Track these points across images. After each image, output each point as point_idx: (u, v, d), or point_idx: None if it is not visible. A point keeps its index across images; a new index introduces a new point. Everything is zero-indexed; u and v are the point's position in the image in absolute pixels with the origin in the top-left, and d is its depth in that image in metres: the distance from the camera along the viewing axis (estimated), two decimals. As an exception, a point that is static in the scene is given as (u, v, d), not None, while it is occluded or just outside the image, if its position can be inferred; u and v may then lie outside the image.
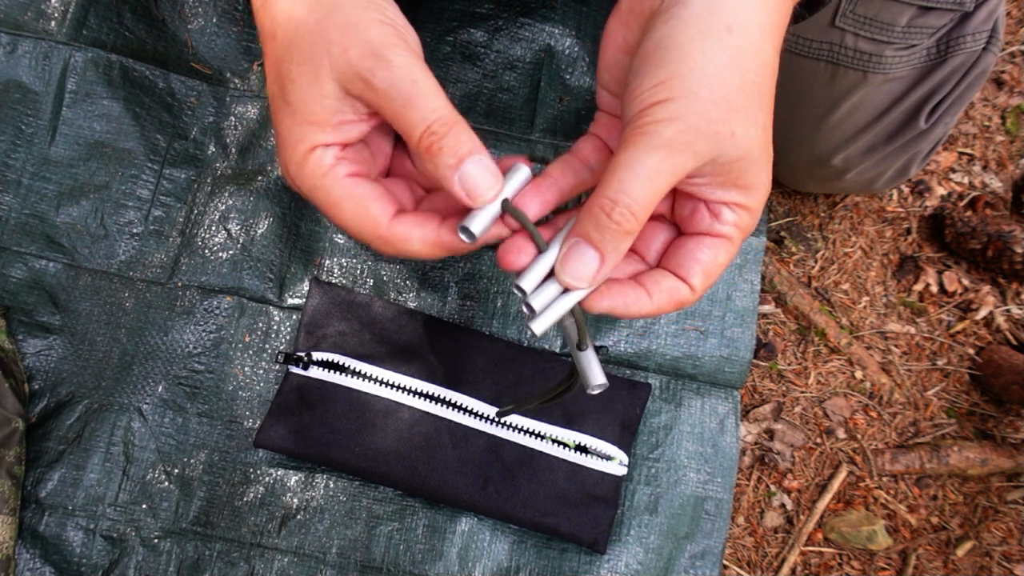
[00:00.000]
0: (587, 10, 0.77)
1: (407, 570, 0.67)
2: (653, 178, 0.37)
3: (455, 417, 0.66)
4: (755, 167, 0.39)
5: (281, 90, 0.42)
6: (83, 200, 0.71)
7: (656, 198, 0.38)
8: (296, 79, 0.41)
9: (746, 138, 0.38)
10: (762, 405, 0.82)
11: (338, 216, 0.42)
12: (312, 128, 0.41)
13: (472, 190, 0.40)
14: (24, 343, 0.69)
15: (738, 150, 0.38)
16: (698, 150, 0.37)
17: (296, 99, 0.41)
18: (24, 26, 0.72)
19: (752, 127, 0.38)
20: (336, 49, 0.40)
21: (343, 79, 0.40)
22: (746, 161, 0.39)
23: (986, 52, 0.63)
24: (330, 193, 0.42)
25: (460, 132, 0.40)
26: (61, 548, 0.66)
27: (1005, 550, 0.80)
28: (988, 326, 0.86)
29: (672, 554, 0.69)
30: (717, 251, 0.42)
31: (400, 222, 0.42)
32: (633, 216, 0.38)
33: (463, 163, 0.40)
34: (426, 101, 0.39)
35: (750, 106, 0.38)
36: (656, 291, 0.42)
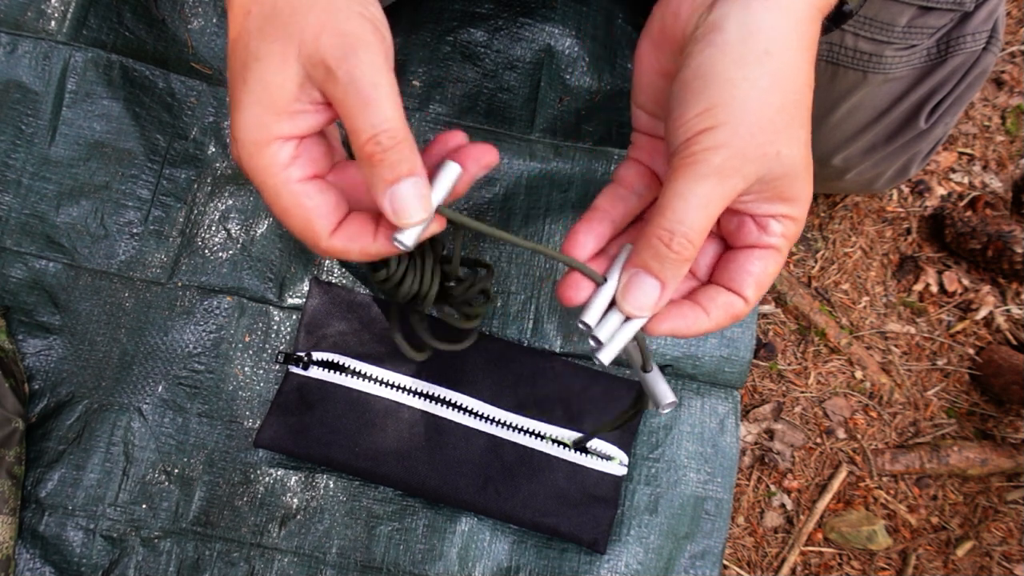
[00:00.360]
0: (587, 10, 0.77)
1: (407, 570, 0.67)
2: (706, 205, 0.39)
3: (455, 417, 0.66)
4: (799, 181, 0.41)
5: (243, 67, 0.40)
6: (83, 200, 0.71)
7: (710, 223, 0.40)
8: (263, 58, 0.40)
9: (791, 156, 0.40)
10: (762, 405, 0.82)
11: (283, 220, 0.42)
12: (270, 114, 0.40)
13: (400, 211, 0.40)
14: (24, 343, 0.69)
15: (783, 168, 0.40)
16: (747, 173, 0.39)
17: (257, 79, 0.40)
18: (24, 26, 0.72)
19: (795, 144, 0.40)
20: (309, 33, 0.39)
21: (308, 63, 0.39)
22: (791, 177, 0.41)
23: (986, 52, 0.63)
24: (279, 197, 0.41)
25: (404, 149, 0.40)
26: (61, 548, 0.66)
27: (1005, 550, 0.80)
28: (988, 326, 0.86)
29: (672, 554, 0.69)
30: (767, 262, 0.43)
31: (338, 237, 0.42)
32: (691, 244, 0.40)
33: (398, 182, 0.40)
34: (381, 108, 0.39)
35: (792, 124, 0.40)
36: (713, 308, 0.43)
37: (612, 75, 0.77)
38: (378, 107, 0.39)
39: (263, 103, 0.40)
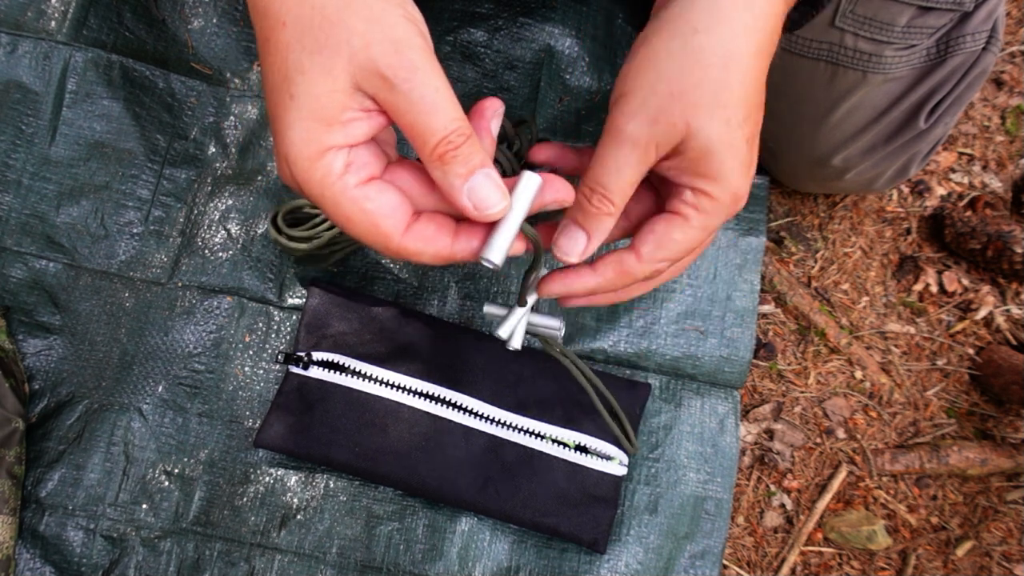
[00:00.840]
0: (587, 10, 0.77)
1: (407, 570, 0.67)
2: (619, 169, 0.43)
3: (455, 417, 0.66)
4: (717, 160, 0.42)
5: (286, 81, 0.40)
6: (83, 200, 0.71)
7: (626, 184, 0.43)
8: (308, 70, 0.39)
9: (704, 131, 0.41)
10: (762, 405, 0.82)
11: (348, 227, 0.41)
12: (320, 126, 0.39)
13: (480, 202, 0.40)
14: (24, 343, 0.69)
15: (697, 141, 0.42)
16: (659, 142, 0.42)
17: (304, 91, 0.39)
18: (24, 26, 0.72)
19: (714, 122, 0.41)
20: (358, 42, 0.38)
21: (360, 74, 0.39)
22: (707, 152, 0.42)
23: (986, 52, 0.63)
24: (340, 206, 0.41)
25: (474, 144, 0.40)
26: (61, 548, 0.66)
27: (1005, 550, 0.80)
28: (988, 326, 0.86)
29: (672, 554, 0.69)
30: (672, 227, 0.44)
31: (412, 238, 0.42)
32: (609, 201, 0.43)
33: (473, 175, 0.40)
34: (447, 110, 0.39)
35: (715, 103, 0.41)
36: (602, 264, 0.45)
37: (612, 75, 0.77)
38: (444, 110, 0.39)
39: (314, 116, 0.39)
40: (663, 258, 0.45)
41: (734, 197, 0.44)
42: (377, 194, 0.41)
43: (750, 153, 0.43)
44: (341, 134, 0.40)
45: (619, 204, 0.44)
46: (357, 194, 0.41)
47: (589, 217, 0.44)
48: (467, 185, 0.40)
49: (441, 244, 0.42)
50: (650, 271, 0.45)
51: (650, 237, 0.45)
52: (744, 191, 0.44)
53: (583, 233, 0.45)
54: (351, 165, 0.41)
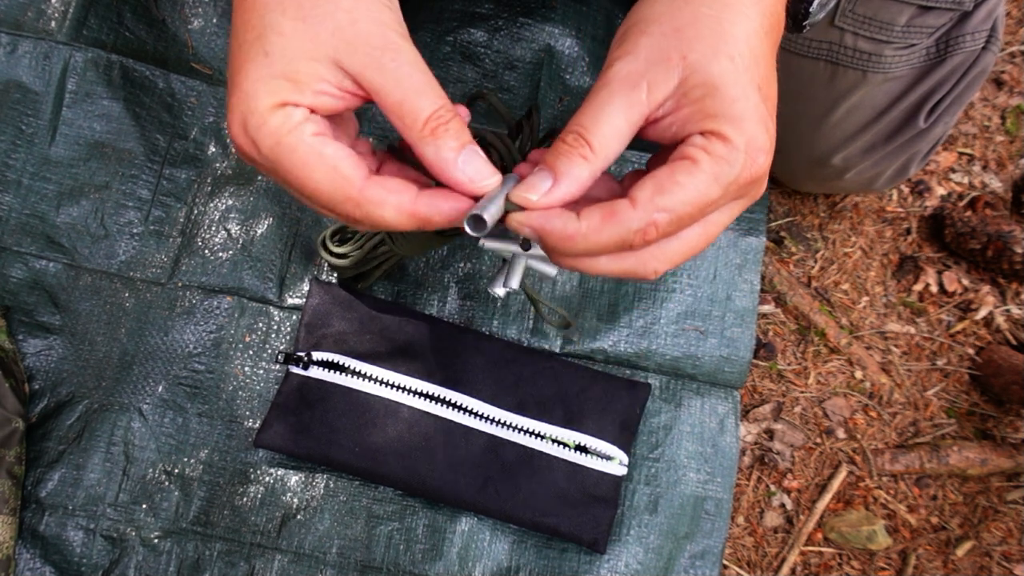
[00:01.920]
0: (587, 10, 0.77)
1: (407, 570, 0.67)
2: (603, 108, 0.38)
3: (455, 417, 0.66)
4: (725, 95, 0.38)
5: (259, 39, 0.39)
6: (83, 200, 0.71)
7: (610, 128, 0.38)
8: (287, 33, 0.38)
9: (703, 63, 0.38)
10: (762, 405, 0.82)
11: (305, 177, 0.39)
12: (288, 84, 0.38)
13: (475, 174, 0.39)
14: (24, 343, 0.69)
15: (697, 76, 0.38)
16: (652, 80, 0.38)
17: (279, 51, 0.38)
18: (24, 26, 0.72)
19: (715, 56, 0.38)
20: (344, 17, 0.38)
21: (343, 48, 0.38)
22: (710, 88, 0.38)
23: (985, 51, 0.63)
24: (295, 151, 0.38)
25: (461, 122, 0.40)
26: (61, 548, 0.66)
27: (1005, 550, 0.80)
28: (988, 326, 0.86)
29: (672, 554, 0.69)
30: (676, 169, 0.38)
31: (374, 184, 0.39)
32: (585, 142, 0.38)
33: (464, 149, 0.39)
34: (434, 90, 0.39)
35: (707, 35, 0.38)
36: (588, 211, 0.38)
37: (612, 75, 0.77)
38: (432, 89, 0.39)
39: (285, 75, 0.38)
40: (662, 206, 0.37)
41: (750, 142, 0.37)
42: (333, 143, 0.39)
43: (764, 106, 0.39)
44: (308, 95, 0.39)
45: (597, 149, 0.38)
46: (315, 140, 0.39)
47: (559, 156, 0.39)
48: (461, 157, 0.39)
49: (405, 196, 0.39)
50: (644, 222, 0.37)
51: (649, 182, 0.38)
52: (763, 144, 0.38)
53: (548, 174, 0.39)
54: (310, 120, 0.39)
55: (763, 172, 0.39)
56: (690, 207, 0.37)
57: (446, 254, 0.72)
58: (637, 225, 0.37)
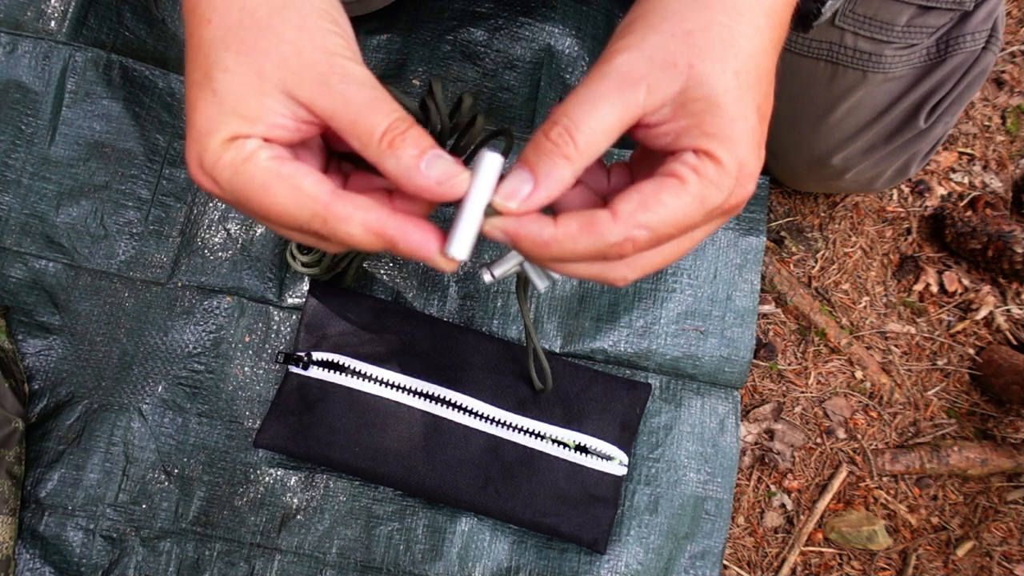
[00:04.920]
0: (587, 10, 0.77)
1: (407, 570, 0.67)
2: (596, 103, 0.36)
3: (455, 417, 0.66)
4: (724, 114, 0.36)
5: (207, 78, 0.38)
6: (83, 200, 0.71)
7: (599, 125, 0.36)
8: (232, 68, 0.37)
9: (708, 75, 0.36)
10: (762, 405, 0.82)
11: (268, 200, 0.37)
12: (239, 120, 0.37)
13: (442, 175, 0.36)
14: (24, 343, 0.69)
15: (700, 88, 0.36)
16: (653, 83, 0.36)
17: (227, 90, 0.37)
18: (24, 26, 0.72)
19: (718, 67, 0.36)
20: (288, 48, 0.37)
21: (291, 80, 0.37)
22: (712, 104, 0.36)
23: (986, 51, 0.63)
24: (253, 178, 0.37)
25: (419, 130, 0.37)
26: (61, 548, 0.66)
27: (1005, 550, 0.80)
28: (988, 326, 0.86)
29: (672, 554, 0.69)
30: (662, 187, 0.36)
31: (341, 199, 0.37)
32: (570, 139, 0.36)
33: (426, 153, 0.37)
34: (387, 105, 0.37)
35: (717, 46, 0.36)
36: (565, 216, 0.36)
37: (612, 75, 0.77)
38: (383, 103, 0.37)
39: (236, 112, 0.37)
40: (643, 223, 0.35)
41: (741, 168, 0.36)
42: (291, 162, 0.38)
43: (760, 128, 0.37)
44: (261, 128, 0.38)
45: (582, 148, 0.36)
46: (272, 163, 0.37)
47: (541, 154, 0.36)
48: (423, 163, 0.36)
49: (373, 214, 0.37)
50: (622, 237, 0.36)
51: (634, 195, 0.36)
52: (752, 168, 0.37)
53: (529, 175, 0.36)
54: (263, 147, 0.38)
55: (750, 194, 0.38)
56: (671, 227, 0.36)
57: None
58: (615, 239, 0.36)
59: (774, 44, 0.38)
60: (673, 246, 0.39)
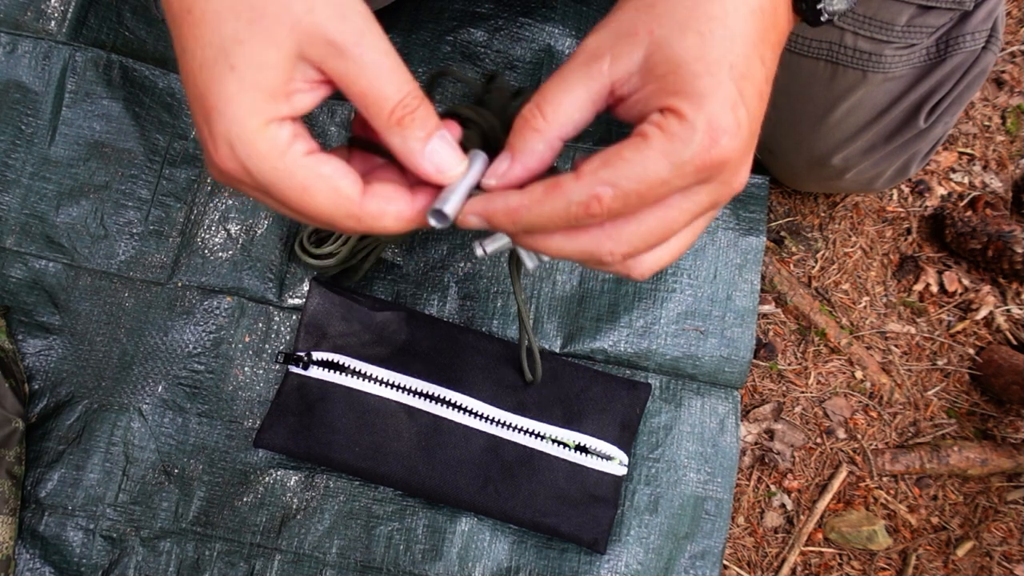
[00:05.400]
0: (587, 10, 0.77)
1: (407, 570, 0.67)
2: (565, 79, 0.38)
3: (455, 417, 0.66)
4: (687, 71, 0.36)
5: (223, 53, 0.37)
6: (83, 200, 0.71)
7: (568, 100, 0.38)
8: (246, 40, 0.36)
9: (668, 38, 0.37)
10: (762, 405, 0.82)
11: (306, 200, 0.38)
12: (265, 97, 0.37)
13: (442, 164, 0.39)
14: (24, 343, 0.69)
15: (662, 51, 0.37)
16: (616, 53, 0.37)
17: (245, 62, 0.36)
18: (24, 26, 0.72)
19: (678, 29, 0.37)
20: (299, 7, 0.36)
21: (305, 41, 0.36)
22: (672, 63, 0.36)
23: (986, 51, 0.63)
24: (294, 176, 0.38)
25: (429, 107, 0.39)
26: (61, 548, 0.66)
27: (1005, 550, 0.80)
28: (988, 326, 0.86)
29: (672, 554, 0.69)
30: (625, 145, 0.36)
31: (372, 198, 0.39)
32: (539, 112, 0.38)
33: (431, 138, 0.38)
34: (400, 74, 0.38)
35: (679, 12, 0.37)
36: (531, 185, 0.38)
37: (612, 75, 0.77)
38: (397, 74, 0.38)
39: (258, 87, 0.37)
40: (606, 180, 0.36)
41: (711, 124, 0.35)
42: (328, 160, 0.39)
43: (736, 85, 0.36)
44: (287, 105, 0.38)
45: (551, 121, 0.38)
46: (310, 161, 0.38)
47: (515, 132, 0.39)
48: (427, 148, 0.38)
49: (402, 203, 0.39)
50: (586, 195, 0.36)
51: (596, 156, 0.37)
52: (727, 125, 0.36)
53: (507, 154, 0.39)
54: (297, 136, 0.38)
55: (727, 155, 0.36)
56: (635, 183, 0.36)
57: (446, 254, 0.72)
58: (579, 197, 0.36)
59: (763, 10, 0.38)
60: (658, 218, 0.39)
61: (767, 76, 0.38)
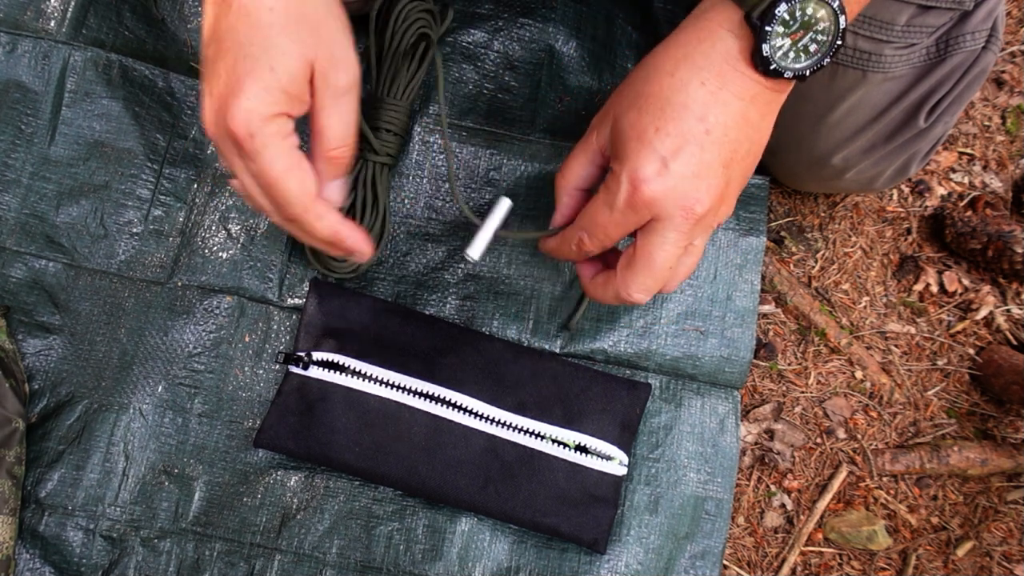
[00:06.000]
0: (587, 10, 0.77)
1: (407, 570, 0.67)
2: (576, 148, 0.55)
3: (455, 417, 0.66)
4: (623, 140, 0.50)
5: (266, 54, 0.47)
6: (83, 200, 0.71)
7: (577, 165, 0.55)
8: (287, 52, 0.47)
9: (620, 116, 0.50)
10: (762, 405, 0.82)
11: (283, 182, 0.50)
12: (286, 98, 0.48)
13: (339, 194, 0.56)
14: (24, 343, 0.69)
15: (616, 126, 0.51)
16: (600, 130, 0.53)
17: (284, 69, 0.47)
18: (24, 26, 0.72)
19: (628, 110, 0.50)
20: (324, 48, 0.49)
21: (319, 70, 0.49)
22: (618, 135, 0.50)
23: (986, 51, 0.63)
24: (280, 159, 0.49)
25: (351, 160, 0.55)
26: (61, 548, 0.66)
27: (1005, 550, 0.80)
28: (988, 326, 0.86)
29: (672, 554, 0.69)
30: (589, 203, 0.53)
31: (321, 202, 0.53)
32: (561, 175, 0.56)
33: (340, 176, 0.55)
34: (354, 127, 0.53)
35: (632, 96, 0.50)
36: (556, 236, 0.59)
37: (612, 75, 0.77)
38: (354, 126, 0.53)
39: (284, 89, 0.48)
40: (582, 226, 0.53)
41: (632, 179, 0.48)
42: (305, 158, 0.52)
43: (663, 142, 0.48)
44: (297, 107, 0.50)
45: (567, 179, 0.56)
46: (297, 153, 0.51)
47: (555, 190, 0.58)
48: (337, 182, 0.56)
49: (334, 218, 0.54)
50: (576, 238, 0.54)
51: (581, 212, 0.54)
52: (646, 174, 0.48)
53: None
54: (293, 134, 0.50)
55: (651, 196, 0.48)
56: (594, 225, 0.52)
57: (446, 255, 0.72)
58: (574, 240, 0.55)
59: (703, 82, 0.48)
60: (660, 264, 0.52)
61: (710, 129, 0.48)
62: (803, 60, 0.48)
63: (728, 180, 0.50)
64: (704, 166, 0.48)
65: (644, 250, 0.51)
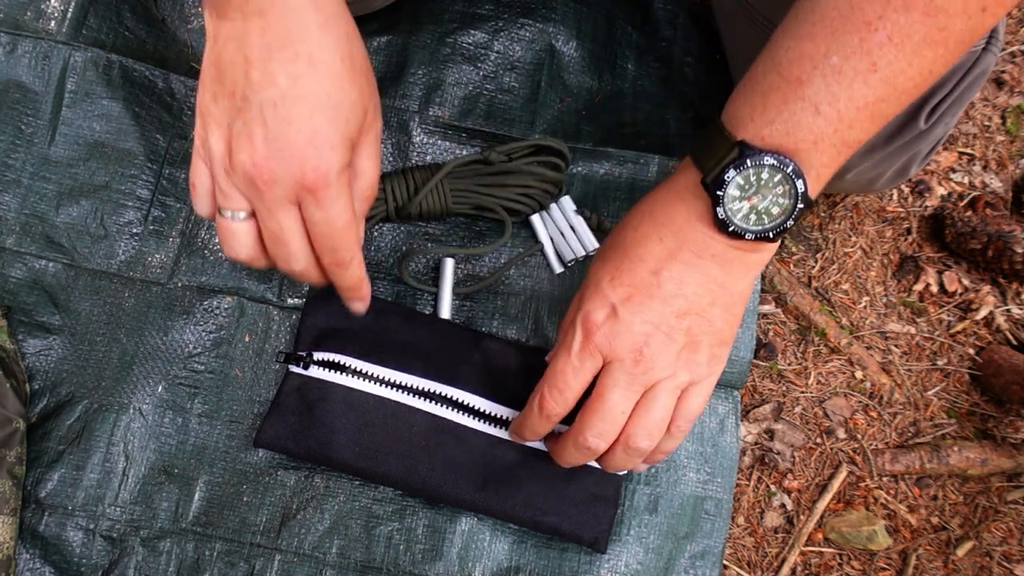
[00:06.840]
0: (587, 10, 0.77)
1: (407, 570, 0.67)
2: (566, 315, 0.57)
3: (455, 416, 0.66)
4: (585, 291, 0.55)
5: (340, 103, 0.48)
6: (83, 200, 0.71)
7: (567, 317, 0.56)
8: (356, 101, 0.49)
9: (589, 269, 0.56)
10: (762, 405, 0.82)
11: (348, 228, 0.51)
12: (352, 145, 0.50)
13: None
14: (24, 343, 0.69)
15: (584, 279, 0.56)
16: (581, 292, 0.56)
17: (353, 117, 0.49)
18: (24, 26, 0.72)
19: (597, 264, 0.55)
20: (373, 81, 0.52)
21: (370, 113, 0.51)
22: (584, 284, 0.55)
23: (986, 52, 0.63)
24: (349, 208, 0.51)
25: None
26: (61, 548, 0.66)
27: (1005, 550, 0.80)
28: (988, 326, 0.86)
29: (672, 554, 0.69)
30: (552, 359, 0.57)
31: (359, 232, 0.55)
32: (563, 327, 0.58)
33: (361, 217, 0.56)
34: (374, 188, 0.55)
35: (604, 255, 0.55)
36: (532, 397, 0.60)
37: (612, 75, 0.77)
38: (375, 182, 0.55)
39: (352, 135, 0.49)
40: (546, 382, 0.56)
41: (583, 323, 0.53)
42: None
43: (610, 293, 0.52)
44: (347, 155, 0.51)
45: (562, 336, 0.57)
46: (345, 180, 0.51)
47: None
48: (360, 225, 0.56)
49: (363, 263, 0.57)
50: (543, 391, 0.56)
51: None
52: (596, 318, 0.52)
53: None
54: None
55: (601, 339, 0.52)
56: (553, 375, 0.55)
57: (446, 255, 0.72)
58: (533, 398, 0.57)
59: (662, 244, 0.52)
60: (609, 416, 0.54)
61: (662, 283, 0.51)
62: (766, 222, 0.49)
63: (688, 329, 0.51)
64: (655, 314, 0.51)
65: (597, 391, 0.53)
